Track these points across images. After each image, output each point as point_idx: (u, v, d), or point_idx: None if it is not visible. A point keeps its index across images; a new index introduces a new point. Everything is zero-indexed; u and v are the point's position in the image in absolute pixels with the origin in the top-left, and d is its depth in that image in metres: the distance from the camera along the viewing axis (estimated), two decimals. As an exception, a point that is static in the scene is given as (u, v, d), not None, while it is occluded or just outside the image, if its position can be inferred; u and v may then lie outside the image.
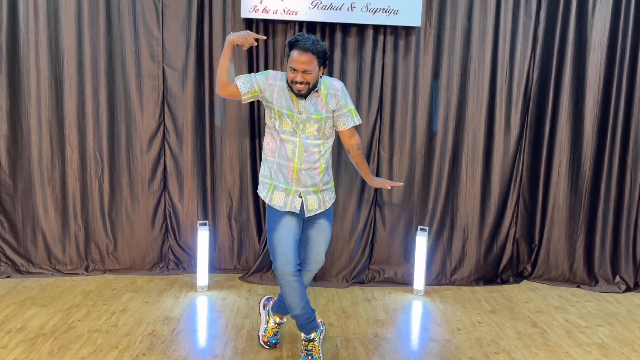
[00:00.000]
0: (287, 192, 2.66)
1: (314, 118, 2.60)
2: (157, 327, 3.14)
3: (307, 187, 2.66)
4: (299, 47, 2.48)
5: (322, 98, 2.63)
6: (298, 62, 2.48)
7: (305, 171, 2.63)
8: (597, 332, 3.29)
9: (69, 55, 3.79)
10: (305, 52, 2.48)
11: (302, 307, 2.69)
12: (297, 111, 2.59)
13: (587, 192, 4.09)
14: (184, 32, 3.85)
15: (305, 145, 2.61)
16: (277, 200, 2.67)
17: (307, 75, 2.50)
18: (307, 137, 2.61)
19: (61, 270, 3.96)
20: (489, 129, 4.03)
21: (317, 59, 2.51)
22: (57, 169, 3.91)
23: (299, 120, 2.59)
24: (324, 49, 2.55)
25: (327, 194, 2.75)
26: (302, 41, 2.49)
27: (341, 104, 2.66)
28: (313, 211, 2.69)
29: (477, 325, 3.34)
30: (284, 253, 2.62)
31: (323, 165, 2.67)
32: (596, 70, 3.97)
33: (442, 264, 4.11)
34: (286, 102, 2.60)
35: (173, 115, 3.93)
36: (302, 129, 2.60)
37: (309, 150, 2.62)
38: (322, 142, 2.66)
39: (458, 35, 3.91)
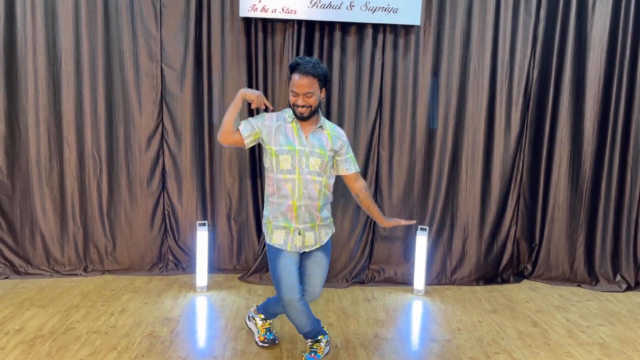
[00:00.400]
0: (286, 231, 2.64)
1: (317, 153, 2.59)
2: (156, 328, 3.12)
3: (305, 224, 2.65)
4: (300, 70, 2.50)
5: (328, 136, 2.64)
6: (299, 85, 2.50)
7: (305, 207, 2.62)
8: (598, 332, 3.28)
9: (67, 55, 3.77)
10: (305, 75, 2.49)
11: (310, 324, 2.71)
12: (299, 144, 2.58)
13: (587, 190, 4.08)
14: (183, 32, 3.83)
15: (305, 181, 2.59)
16: (277, 239, 2.65)
17: (308, 99, 2.51)
18: (309, 172, 2.59)
19: (60, 271, 3.94)
20: (489, 127, 4.01)
21: (318, 81, 2.53)
22: (56, 169, 3.89)
23: (301, 154, 2.57)
24: (325, 71, 2.56)
25: (324, 229, 2.72)
26: (303, 65, 2.50)
27: (344, 150, 2.69)
28: (309, 247, 2.68)
29: (477, 325, 3.32)
30: (289, 280, 2.60)
31: (321, 202, 2.65)
32: (596, 68, 3.95)
33: (442, 263, 4.09)
34: (284, 138, 2.59)
35: (172, 114, 3.92)
36: (305, 164, 2.58)
37: (309, 187, 2.60)
38: (323, 180, 2.63)
39: (458, 34, 3.89)
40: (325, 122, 2.67)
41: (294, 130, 2.60)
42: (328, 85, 2.62)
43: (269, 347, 2.92)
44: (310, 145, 2.59)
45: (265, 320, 2.98)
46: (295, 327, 2.74)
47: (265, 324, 2.97)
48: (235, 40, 3.85)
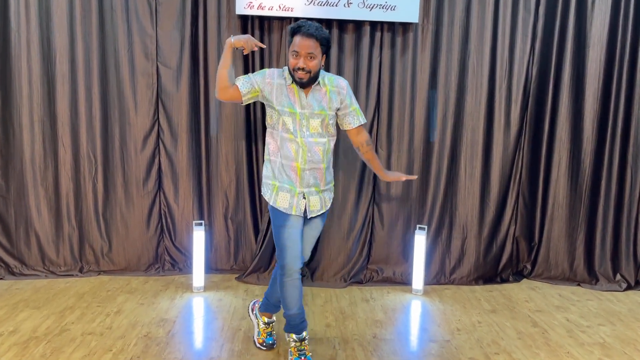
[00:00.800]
0: (291, 194, 2.59)
1: (317, 114, 2.55)
2: (152, 329, 3.08)
3: (310, 187, 2.61)
4: (303, 32, 2.44)
5: (327, 93, 2.58)
6: (301, 46, 2.43)
7: (309, 171, 2.58)
8: (598, 332, 3.25)
9: (61, 54, 3.73)
10: (309, 37, 2.43)
11: (299, 307, 2.68)
12: (300, 106, 2.53)
13: (587, 189, 4.04)
14: (178, 30, 3.79)
15: (308, 144, 2.55)
16: (281, 202, 2.60)
17: (309, 62, 2.45)
18: (310, 134, 2.55)
19: (55, 272, 3.90)
20: (488, 126, 3.98)
21: (321, 45, 2.46)
22: (50, 169, 3.85)
23: (301, 117, 2.53)
24: (328, 36, 2.51)
25: (328, 193, 2.72)
26: (306, 27, 2.45)
27: (346, 103, 2.62)
28: (315, 212, 2.65)
29: (477, 325, 3.29)
30: (294, 249, 2.57)
31: (325, 164, 2.62)
32: (596, 66, 3.92)
33: (441, 263, 4.06)
34: (286, 99, 2.54)
35: (168, 114, 3.88)
36: (305, 127, 2.54)
37: (313, 150, 2.56)
38: (326, 140, 2.61)
39: (456, 31, 3.86)
40: (325, 77, 2.59)
41: (295, 91, 2.54)
42: (329, 52, 2.56)
43: (266, 350, 2.88)
44: (309, 106, 2.54)
45: (268, 325, 2.93)
46: (283, 306, 2.69)
47: (266, 328, 2.92)
48: (232, 39, 3.81)
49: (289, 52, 2.49)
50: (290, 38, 2.50)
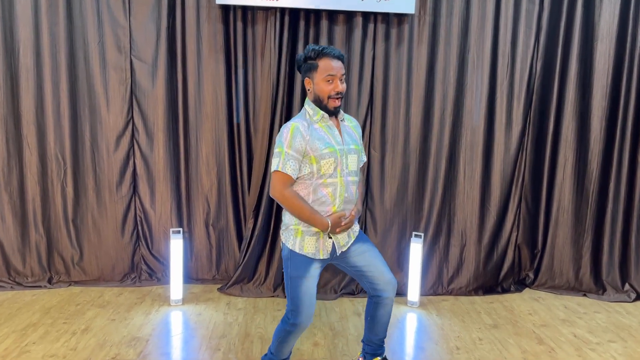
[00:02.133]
0: (317, 236, 2.29)
1: (353, 149, 2.31)
2: (122, 350, 2.80)
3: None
4: (331, 54, 2.21)
5: (352, 129, 2.38)
6: (338, 68, 2.21)
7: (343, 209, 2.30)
8: (609, 349, 2.99)
9: (25, 46, 3.43)
10: (340, 59, 2.24)
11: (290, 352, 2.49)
12: (336, 143, 2.24)
13: (594, 192, 3.79)
14: (154, 21, 3.50)
15: (346, 183, 2.27)
16: (308, 247, 2.28)
17: (344, 85, 2.25)
18: (349, 173, 2.28)
19: (22, 283, 3.61)
20: (488, 125, 3.72)
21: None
22: (15, 173, 3.56)
23: (341, 154, 2.24)
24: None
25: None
26: (329, 48, 2.23)
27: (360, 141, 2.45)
28: (345, 246, 2.35)
29: (477, 343, 3.03)
30: (311, 307, 2.29)
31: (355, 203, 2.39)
32: (604, 60, 3.66)
33: (439, 272, 3.80)
34: (320, 141, 2.21)
35: (142, 112, 3.60)
36: (344, 165, 2.26)
37: (349, 189, 2.29)
38: (358, 178, 2.39)
39: (455, 23, 3.59)
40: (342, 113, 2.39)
41: (325, 130, 2.25)
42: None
43: None
44: (345, 142, 2.30)
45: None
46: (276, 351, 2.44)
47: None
48: (212, 30, 3.53)
49: (317, 79, 2.21)
50: (315, 63, 2.21)
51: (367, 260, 2.37)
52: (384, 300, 2.40)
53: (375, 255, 2.39)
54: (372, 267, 2.37)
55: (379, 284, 2.37)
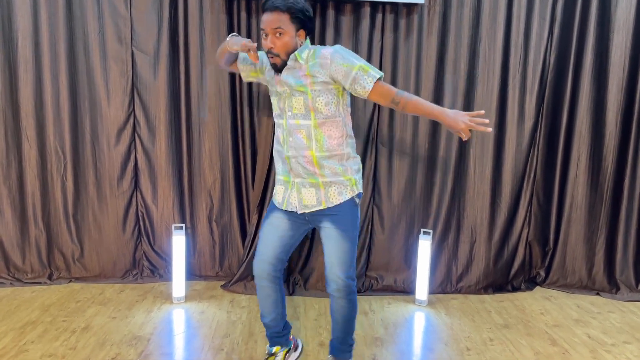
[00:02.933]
0: (285, 186, 2.26)
1: (297, 91, 2.13)
2: (122, 350, 2.72)
3: (302, 178, 2.21)
4: (266, 7, 2.07)
5: (306, 68, 2.13)
6: (265, 21, 2.05)
7: (295, 159, 2.19)
8: (624, 351, 2.89)
9: (24, 36, 3.33)
10: (273, 10, 2.04)
11: (273, 319, 2.43)
12: (280, 84, 2.20)
13: (608, 189, 3.68)
14: (156, 11, 3.39)
15: (289, 127, 2.17)
16: (277, 195, 2.33)
17: (277, 40, 2.05)
18: (293, 115, 2.16)
19: (21, 279, 3.53)
20: (500, 119, 3.60)
21: (291, 17, 2.05)
22: (14, 166, 3.46)
23: (284, 95, 2.19)
24: (302, 6, 2.07)
25: (335, 187, 2.20)
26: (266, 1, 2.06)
27: (343, 69, 2.07)
28: (308, 207, 2.21)
29: (488, 344, 2.93)
30: (262, 251, 2.31)
31: (316, 153, 2.16)
32: (621, 52, 3.53)
33: (447, 270, 3.70)
34: (271, 80, 2.27)
35: (144, 104, 3.49)
36: (287, 106, 2.18)
37: (294, 134, 2.17)
38: (312, 123, 2.15)
39: (466, 14, 3.47)
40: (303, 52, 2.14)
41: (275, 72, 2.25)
42: (310, 26, 2.12)
43: None
44: (286, 84, 2.15)
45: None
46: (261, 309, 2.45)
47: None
48: (216, 21, 3.42)
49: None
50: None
51: (327, 247, 2.23)
52: (330, 296, 2.28)
53: (332, 246, 2.20)
54: (327, 255, 2.23)
55: (327, 277, 2.24)
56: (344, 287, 2.22)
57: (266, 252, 2.28)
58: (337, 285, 2.22)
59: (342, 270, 2.20)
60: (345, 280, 2.20)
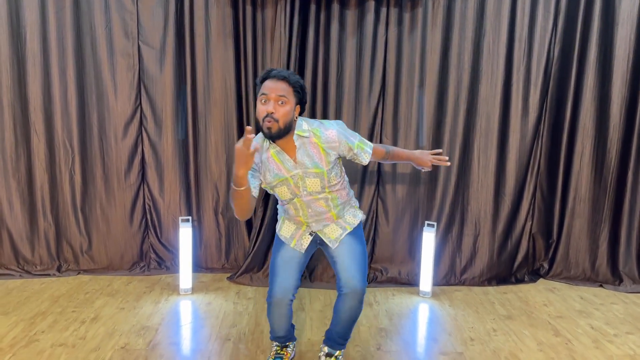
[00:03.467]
0: (298, 225, 2.33)
1: (312, 173, 2.17)
2: (131, 339, 2.76)
3: (320, 225, 2.32)
4: (273, 75, 2.08)
5: (320, 150, 2.18)
6: (270, 88, 2.05)
7: (315, 223, 2.31)
8: (627, 342, 2.92)
9: (32, 31, 3.37)
10: (281, 80, 2.06)
11: (286, 329, 2.48)
12: (286, 170, 2.16)
13: (612, 181, 3.69)
14: (162, 5, 3.43)
15: (307, 202, 2.23)
16: (285, 231, 2.37)
17: (280, 108, 2.04)
18: (308, 193, 2.21)
19: (30, 272, 3.59)
20: (504, 112, 3.62)
21: (294, 91, 2.10)
22: (23, 160, 3.52)
23: (295, 179, 2.17)
24: (303, 84, 2.14)
25: (347, 211, 2.38)
26: (277, 70, 2.10)
27: (347, 146, 2.24)
28: (338, 240, 2.33)
29: (492, 334, 2.96)
30: (285, 280, 2.31)
31: (334, 211, 2.30)
32: (625, 45, 3.53)
33: (451, 262, 3.73)
34: (270, 173, 2.16)
35: (150, 98, 3.53)
36: (301, 188, 2.19)
37: (313, 206, 2.25)
38: (327, 193, 2.25)
39: (470, 7, 3.48)
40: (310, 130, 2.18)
41: (275, 158, 2.16)
42: (304, 105, 2.18)
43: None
44: (302, 166, 2.16)
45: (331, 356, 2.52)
46: (270, 329, 2.49)
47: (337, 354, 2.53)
48: (221, 15, 3.45)
49: (258, 102, 2.09)
50: (259, 87, 2.11)
51: (340, 253, 2.32)
52: (342, 296, 2.32)
53: (350, 250, 2.32)
54: (340, 261, 2.32)
55: (341, 279, 2.30)
56: (362, 291, 2.30)
57: (287, 281, 2.31)
58: (357, 291, 2.28)
59: (363, 277, 2.30)
60: (364, 285, 2.30)
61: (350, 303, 2.31)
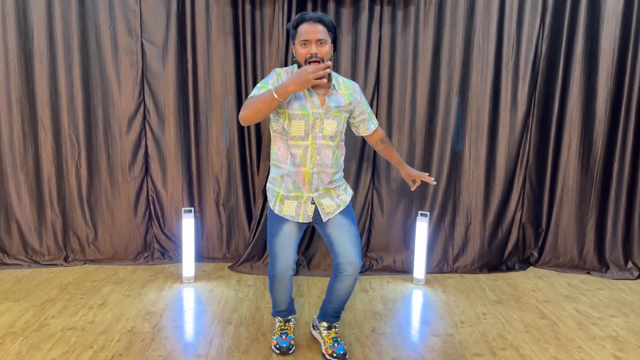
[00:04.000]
0: (299, 201, 2.41)
1: (333, 115, 2.32)
2: (137, 324, 2.90)
3: (318, 192, 2.41)
4: (309, 19, 2.25)
5: (344, 95, 2.37)
6: (309, 32, 2.22)
7: (317, 175, 2.37)
8: (610, 324, 3.06)
9: (39, 29, 3.50)
10: (317, 22, 2.24)
11: (287, 303, 2.66)
12: (312, 106, 2.29)
13: (598, 172, 3.83)
14: (164, 4, 3.55)
15: (318, 146, 2.33)
16: (288, 210, 2.42)
17: (322, 48, 2.23)
18: (323, 137, 2.32)
19: (38, 261, 3.72)
20: (493, 106, 3.75)
21: (329, 31, 2.28)
22: (30, 153, 3.65)
23: (315, 117, 2.29)
24: (334, 23, 2.35)
25: (342, 189, 2.50)
26: (308, 14, 2.27)
27: (363, 108, 2.51)
28: (331, 213, 2.44)
29: (481, 318, 3.11)
30: (285, 259, 2.44)
31: (334, 170, 2.40)
32: (610, 41, 3.67)
33: (444, 250, 3.87)
34: (298, 102, 2.28)
35: (153, 94, 3.66)
36: (319, 128, 2.31)
37: (322, 153, 2.34)
38: (335, 144, 2.38)
39: (461, 5, 3.61)
40: (339, 78, 2.40)
41: (306, 92, 2.30)
42: (337, 42, 2.43)
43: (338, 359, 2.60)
44: (326, 107, 2.31)
45: (331, 329, 2.69)
46: (273, 304, 2.67)
47: (331, 333, 2.68)
48: (221, 13, 3.58)
49: (296, 45, 2.27)
50: (294, 31, 2.29)
51: (339, 235, 2.43)
52: (341, 277, 2.45)
53: (348, 231, 2.42)
54: (340, 242, 2.42)
55: (341, 261, 2.42)
56: (359, 268, 2.44)
57: (288, 258, 2.44)
58: (355, 267, 2.42)
59: (358, 254, 2.43)
60: (360, 262, 2.44)
61: (349, 281, 2.45)
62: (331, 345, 2.60)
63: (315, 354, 2.63)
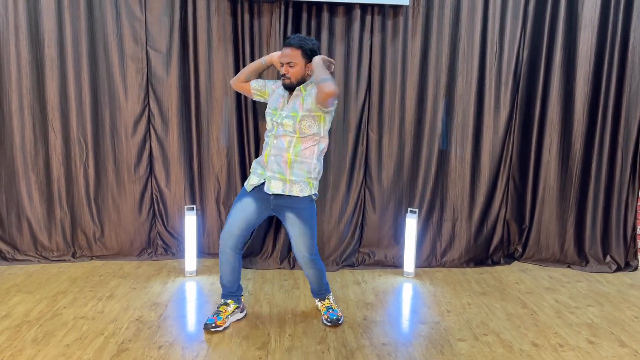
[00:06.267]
0: (259, 178, 2.88)
1: (290, 116, 2.78)
2: (144, 313, 3.10)
3: (274, 173, 2.81)
4: (285, 42, 2.78)
5: (302, 99, 2.80)
6: (283, 55, 2.78)
7: (274, 157, 2.81)
8: (586, 312, 3.28)
9: (50, 38, 3.70)
10: (289, 46, 2.75)
11: (228, 281, 2.99)
12: (280, 108, 2.84)
13: (577, 171, 4.06)
14: (168, 14, 3.76)
15: (277, 134, 2.82)
16: (251, 180, 2.92)
17: (290, 69, 2.75)
18: (284, 131, 2.80)
19: (48, 257, 3.91)
20: (478, 109, 3.97)
21: (302, 53, 2.75)
22: (41, 155, 3.84)
23: (279, 118, 2.81)
24: (311, 46, 2.76)
25: (297, 185, 2.81)
26: (290, 38, 2.77)
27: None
28: (275, 190, 2.81)
29: (466, 307, 3.32)
30: (230, 225, 2.88)
31: (291, 157, 2.78)
32: (587, 48, 3.90)
33: (432, 246, 4.09)
34: (275, 103, 2.88)
35: (158, 98, 3.86)
36: (280, 125, 2.81)
37: (280, 139, 2.81)
38: (295, 137, 2.78)
39: (447, 14, 3.83)
40: (308, 85, 2.83)
41: (284, 97, 2.86)
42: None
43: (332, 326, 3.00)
44: (288, 109, 2.80)
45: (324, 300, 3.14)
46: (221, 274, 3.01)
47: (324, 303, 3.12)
48: (222, 22, 3.79)
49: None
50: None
51: (292, 231, 2.87)
52: (300, 265, 2.99)
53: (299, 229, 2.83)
54: (293, 237, 2.89)
55: (295, 253, 2.96)
56: (309, 261, 2.94)
57: (233, 227, 2.88)
58: (304, 261, 2.95)
59: (306, 250, 2.90)
60: (308, 257, 2.92)
61: (307, 270, 3.01)
62: (325, 312, 3.06)
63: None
